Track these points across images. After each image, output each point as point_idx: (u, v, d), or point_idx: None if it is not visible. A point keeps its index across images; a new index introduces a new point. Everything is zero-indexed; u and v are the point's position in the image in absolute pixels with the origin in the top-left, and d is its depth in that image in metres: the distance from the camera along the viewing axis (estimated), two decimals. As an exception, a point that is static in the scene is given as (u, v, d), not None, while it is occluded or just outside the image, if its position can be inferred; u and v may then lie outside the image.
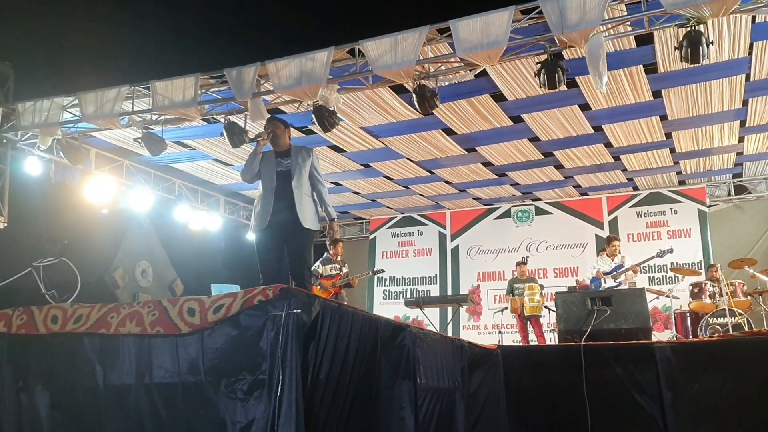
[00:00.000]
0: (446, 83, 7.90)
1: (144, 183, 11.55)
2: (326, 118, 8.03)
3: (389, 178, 12.10)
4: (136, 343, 2.97)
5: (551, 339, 10.28)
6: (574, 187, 12.71)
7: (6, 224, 9.77)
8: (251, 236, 5.60)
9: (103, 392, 2.98)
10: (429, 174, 11.80)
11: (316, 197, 5.44)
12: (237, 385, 2.77)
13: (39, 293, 3.54)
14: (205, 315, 2.87)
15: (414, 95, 7.67)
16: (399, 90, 8.35)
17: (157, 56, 11.90)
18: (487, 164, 11.29)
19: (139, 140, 9.09)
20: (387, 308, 13.63)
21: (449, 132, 9.89)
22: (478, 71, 7.60)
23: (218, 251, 13.23)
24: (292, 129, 5.71)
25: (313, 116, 8.06)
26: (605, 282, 9.28)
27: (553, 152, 10.74)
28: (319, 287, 9.60)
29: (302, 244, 5.25)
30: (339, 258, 9.85)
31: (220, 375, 2.81)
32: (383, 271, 11.61)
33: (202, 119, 9.02)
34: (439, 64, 7.76)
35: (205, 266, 11.67)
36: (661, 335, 10.55)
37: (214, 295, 2.99)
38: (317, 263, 9.85)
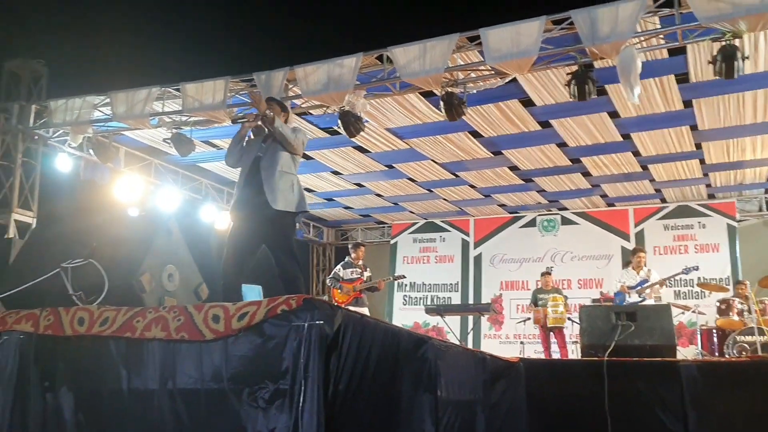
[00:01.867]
0: (474, 90, 7.88)
1: (172, 182, 11.66)
2: (352, 123, 8.05)
3: (413, 180, 12.06)
4: (161, 348, 2.99)
5: (573, 351, 10.20)
6: (601, 196, 12.60)
7: (35, 219, 9.93)
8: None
9: (127, 396, 3.01)
10: (454, 177, 11.75)
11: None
12: (259, 394, 2.78)
13: (66, 294, 3.58)
14: (229, 322, 2.89)
15: (441, 102, 7.67)
16: (426, 93, 8.33)
17: (188, 58, 12.02)
18: (514, 168, 11.23)
19: (169, 141, 9.19)
20: (407, 314, 13.61)
21: (476, 134, 9.86)
22: (508, 80, 7.57)
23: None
24: (314, 128, 5.59)
25: (339, 122, 8.09)
26: (629, 297, 9.17)
27: (581, 159, 10.66)
28: (339, 290, 9.58)
29: (275, 233, 4.72)
30: (360, 262, 9.83)
31: (243, 383, 2.81)
32: (404, 276, 11.58)
33: (231, 121, 9.09)
34: (469, 72, 7.74)
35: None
36: (686, 351, 10.41)
37: (239, 302, 3.01)
38: (338, 267, 9.84)
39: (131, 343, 3.05)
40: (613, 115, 9.01)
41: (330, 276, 9.87)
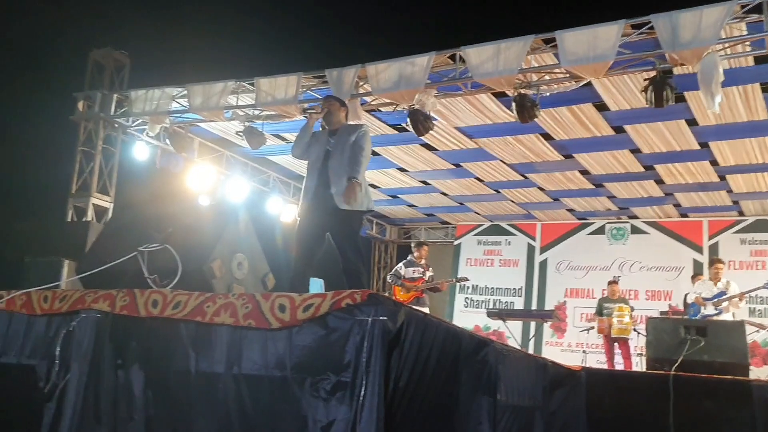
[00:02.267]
0: (548, 93, 7.78)
1: (241, 174, 11.93)
2: (421, 122, 8.06)
3: (480, 180, 11.96)
4: (229, 333, 3.07)
5: (638, 363, 9.95)
6: (674, 206, 12.24)
7: (112, 204, 10.33)
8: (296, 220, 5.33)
9: (194, 377, 3.10)
10: (522, 178, 11.60)
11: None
12: (321, 384, 2.82)
13: (142, 277, 3.72)
14: (295, 313, 2.94)
15: (514, 104, 7.60)
16: (498, 93, 8.27)
17: (262, 53, 12.27)
18: (584, 172, 11.03)
19: (241, 133, 9.41)
20: (468, 317, 13.52)
21: (547, 137, 9.73)
22: (582, 83, 7.45)
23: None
24: (383, 125, 5.61)
25: (408, 120, 8.11)
26: (705, 309, 8.85)
27: (654, 166, 10.39)
28: (401, 288, 9.54)
29: (342, 227, 4.84)
30: (423, 261, 9.79)
31: (305, 373, 2.86)
32: (467, 279, 11.51)
33: (302, 116, 9.24)
34: (543, 74, 7.65)
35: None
36: (760, 371, 10.01)
37: (304, 294, 3.06)
38: (400, 264, 9.81)
39: (201, 327, 3.14)
40: (691, 122, 8.75)
41: (391, 273, 9.88)
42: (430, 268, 9.82)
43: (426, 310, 9.30)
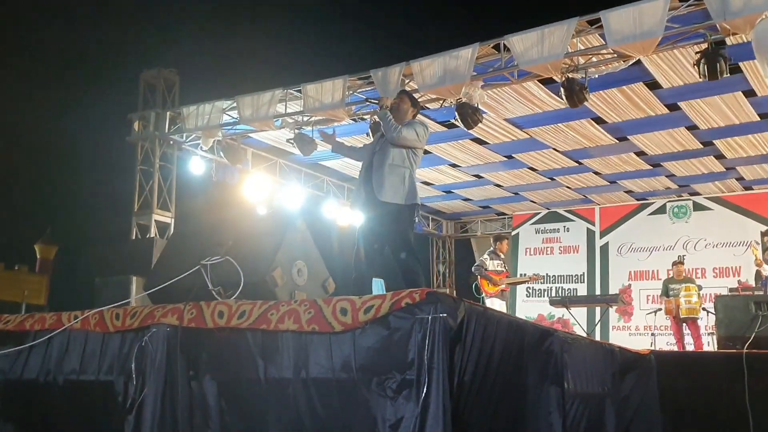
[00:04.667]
0: (596, 75, 7.65)
1: (296, 180, 12.10)
2: (470, 115, 8.04)
3: (533, 170, 11.83)
4: (294, 339, 3.14)
5: (709, 343, 9.71)
6: (737, 179, 11.86)
7: (173, 219, 10.63)
8: None
9: (264, 384, 3.19)
10: (576, 164, 11.43)
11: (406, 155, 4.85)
12: (387, 384, 2.87)
13: (207, 289, 3.83)
14: (356, 315, 2.99)
15: (562, 89, 7.51)
16: (545, 80, 8.17)
17: (307, 60, 12.43)
18: (640, 154, 10.78)
19: (292, 141, 9.56)
20: (530, 306, 13.40)
21: (599, 121, 9.56)
22: (631, 62, 7.31)
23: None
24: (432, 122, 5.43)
25: (456, 114, 8.09)
26: None
27: (713, 141, 10.09)
28: (488, 282, 9.44)
29: (389, 222, 4.75)
30: (502, 256, 9.75)
31: (371, 373, 2.92)
32: (542, 278, 11.37)
33: (350, 119, 9.32)
34: (590, 56, 7.54)
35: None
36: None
37: (364, 296, 3.11)
38: (485, 255, 9.75)
39: (267, 335, 3.22)
40: (749, 93, 8.47)
41: (476, 264, 9.80)
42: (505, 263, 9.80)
43: (504, 304, 9.31)
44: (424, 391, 2.73)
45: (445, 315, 2.78)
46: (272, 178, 11.66)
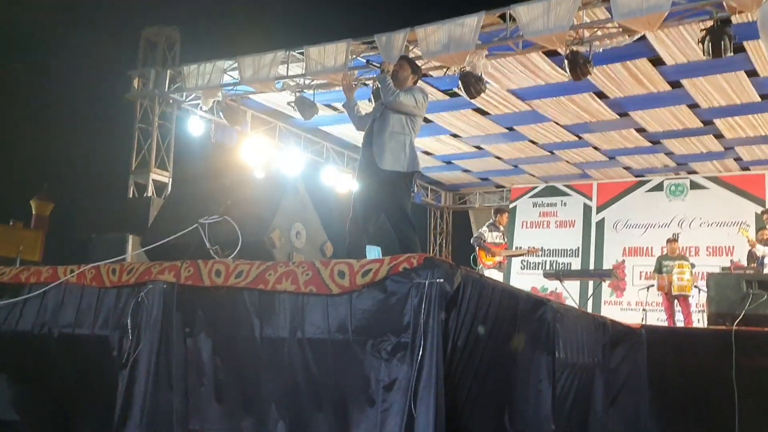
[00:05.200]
0: (600, 49, 7.61)
1: (295, 145, 12.05)
2: (473, 84, 8.01)
3: (534, 143, 11.82)
4: (291, 300, 3.17)
5: (699, 320, 9.81)
6: (735, 159, 11.88)
7: (171, 179, 10.60)
8: None
9: (260, 343, 3.22)
10: (577, 138, 11.42)
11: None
12: (382, 346, 2.90)
13: (204, 248, 3.84)
14: (354, 278, 3.01)
15: (566, 61, 7.47)
16: (549, 52, 8.12)
17: (310, 22, 12.30)
18: (641, 130, 10.78)
19: (292, 104, 9.50)
20: (524, 278, 13.47)
21: (601, 95, 9.53)
22: (636, 37, 7.26)
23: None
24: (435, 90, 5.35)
25: (460, 83, 8.05)
26: None
27: (714, 120, 10.09)
28: (486, 252, 9.46)
29: (387, 189, 4.74)
30: (502, 228, 9.77)
31: (366, 335, 2.95)
32: (540, 250, 11.41)
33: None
34: (595, 29, 7.48)
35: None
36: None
37: (363, 260, 3.13)
38: (484, 228, 9.76)
39: (264, 295, 3.24)
40: (751, 73, 8.45)
41: (475, 236, 9.84)
42: (505, 236, 9.82)
43: (502, 275, 9.35)
44: (419, 354, 2.76)
45: (441, 280, 2.80)
46: (271, 142, 11.61)
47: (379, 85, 4.96)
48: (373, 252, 5.94)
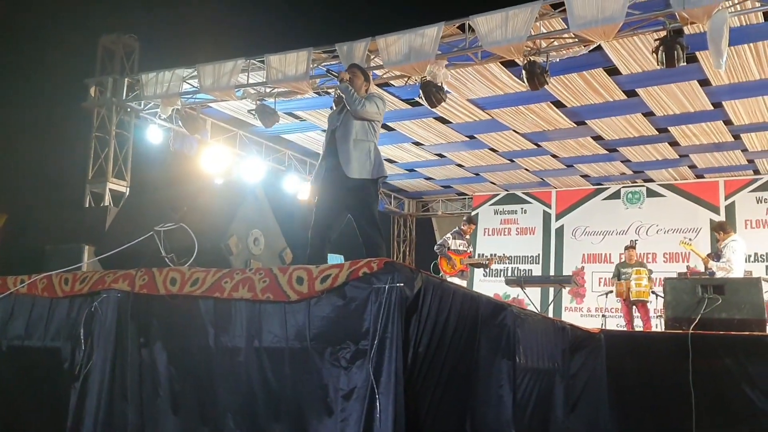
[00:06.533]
0: (557, 59, 7.71)
1: (256, 153, 11.95)
2: (433, 93, 8.03)
3: (494, 151, 11.93)
4: (248, 307, 3.12)
5: (657, 325, 9.96)
6: (690, 167, 12.14)
7: (128, 188, 10.41)
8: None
9: (215, 352, 3.16)
10: (536, 147, 11.55)
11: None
12: (341, 354, 2.87)
13: (159, 256, 3.77)
14: (312, 284, 2.98)
15: (524, 71, 7.55)
16: (508, 63, 8.20)
17: (271, 30, 12.22)
18: (597, 138, 10.95)
19: (253, 112, 9.42)
20: (487, 286, 13.53)
21: (558, 105, 9.66)
22: (592, 48, 7.38)
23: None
24: (396, 100, 5.45)
25: (421, 92, 8.08)
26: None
27: (668, 128, 10.29)
28: (447, 260, 9.52)
29: (354, 197, 4.76)
30: (468, 237, 9.82)
31: (325, 343, 2.91)
32: (509, 259, 11.48)
33: (313, 92, 9.22)
34: (552, 40, 7.58)
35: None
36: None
37: (322, 265, 3.10)
38: (448, 235, 9.82)
39: (219, 303, 3.19)
40: (704, 83, 8.64)
41: (438, 244, 9.86)
42: (471, 246, 9.85)
43: (464, 284, 9.35)
44: (378, 361, 2.74)
45: (402, 285, 2.78)
46: (231, 150, 11.50)
47: (343, 96, 4.94)
48: (334, 260, 5.91)
